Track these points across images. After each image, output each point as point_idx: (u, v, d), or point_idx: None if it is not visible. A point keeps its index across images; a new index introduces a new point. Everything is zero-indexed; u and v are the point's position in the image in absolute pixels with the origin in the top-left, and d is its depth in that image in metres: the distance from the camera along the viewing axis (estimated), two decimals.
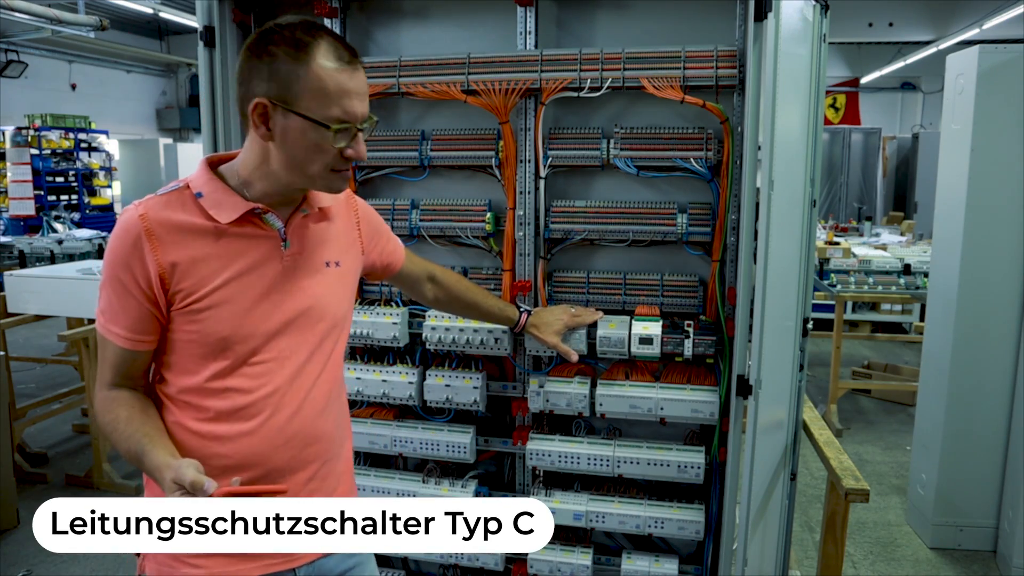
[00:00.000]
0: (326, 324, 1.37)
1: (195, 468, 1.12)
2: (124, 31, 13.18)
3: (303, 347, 1.34)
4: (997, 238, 3.13)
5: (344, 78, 1.21)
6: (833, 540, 2.10)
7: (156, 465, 1.18)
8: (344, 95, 1.21)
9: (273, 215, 1.29)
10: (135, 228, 1.22)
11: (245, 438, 1.28)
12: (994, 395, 3.21)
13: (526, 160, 1.94)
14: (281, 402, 1.31)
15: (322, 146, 1.22)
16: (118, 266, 1.22)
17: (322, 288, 1.37)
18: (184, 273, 1.23)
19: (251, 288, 1.28)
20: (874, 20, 10.26)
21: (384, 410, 2.12)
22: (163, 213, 1.24)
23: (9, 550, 3.26)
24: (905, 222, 9.23)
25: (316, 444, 1.37)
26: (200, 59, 1.99)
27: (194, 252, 1.24)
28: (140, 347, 1.26)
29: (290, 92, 1.19)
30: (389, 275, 1.67)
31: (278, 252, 1.31)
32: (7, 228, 9.38)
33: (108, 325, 1.25)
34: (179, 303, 1.24)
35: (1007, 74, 3.05)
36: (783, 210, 1.80)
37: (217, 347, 1.26)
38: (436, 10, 2.06)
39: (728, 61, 1.77)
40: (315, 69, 1.18)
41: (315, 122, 1.20)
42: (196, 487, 1.10)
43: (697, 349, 1.83)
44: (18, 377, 5.04)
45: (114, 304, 1.24)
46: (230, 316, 1.26)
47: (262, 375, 1.29)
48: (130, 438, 1.22)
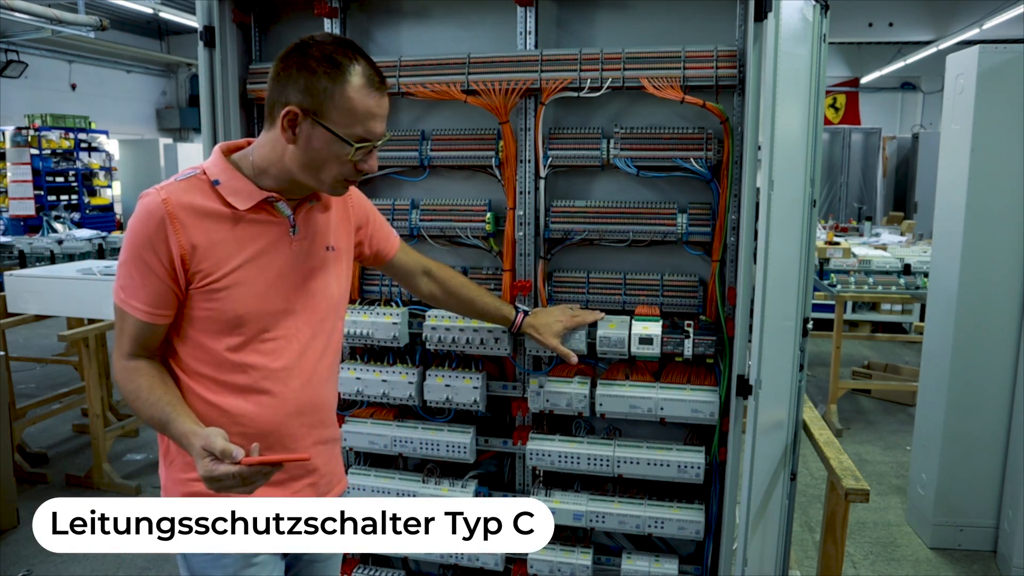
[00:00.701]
0: (328, 304, 1.48)
1: (223, 437, 1.21)
2: (124, 31, 13.17)
3: (309, 325, 1.44)
4: (997, 238, 3.13)
5: (372, 102, 1.31)
6: (833, 540, 2.10)
7: (183, 432, 1.25)
8: (370, 117, 1.32)
9: (284, 203, 1.39)
10: (159, 211, 1.29)
11: (260, 408, 1.38)
12: (994, 395, 3.21)
13: (526, 160, 1.94)
14: (291, 375, 1.41)
15: (341, 158, 1.32)
16: (141, 246, 1.29)
17: (324, 271, 1.47)
18: (204, 254, 1.31)
19: (264, 270, 1.37)
20: (874, 20, 10.26)
21: (384, 410, 2.12)
22: (184, 198, 1.32)
23: (9, 550, 3.26)
24: (905, 222, 9.23)
25: (321, 411, 1.50)
26: (200, 59, 1.99)
27: (213, 235, 1.32)
28: (159, 320, 1.33)
29: (322, 106, 1.29)
30: (381, 263, 1.74)
31: (287, 237, 1.41)
32: (7, 228, 9.39)
33: (129, 300, 1.32)
34: (198, 282, 1.32)
35: (1007, 74, 3.05)
36: (783, 210, 1.80)
37: (232, 323, 1.35)
38: (436, 10, 2.06)
39: (728, 61, 1.77)
40: (348, 91, 1.29)
41: (339, 137, 1.30)
42: (226, 454, 1.18)
43: (697, 349, 1.83)
44: (18, 377, 5.05)
45: (136, 280, 1.31)
46: (245, 296, 1.35)
47: (273, 351, 1.39)
48: (153, 405, 1.30)
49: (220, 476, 1.18)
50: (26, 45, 11.43)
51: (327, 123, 1.30)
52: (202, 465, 1.20)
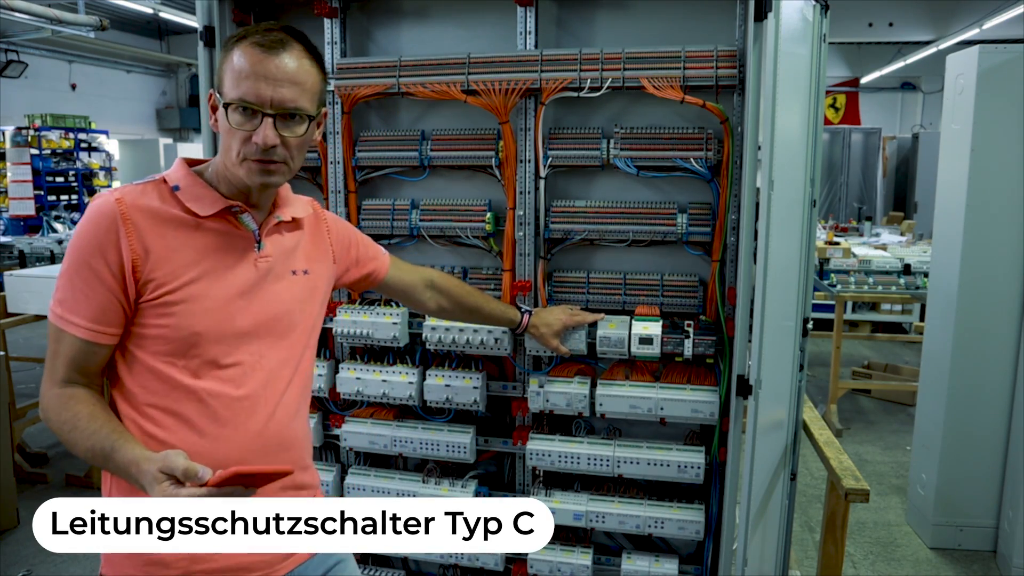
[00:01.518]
0: (296, 332, 1.36)
1: (184, 456, 1.06)
2: (124, 31, 13.18)
3: (274, 352, 1.31)
4: (997, 238, 3.13)
5: (255, 59, 1.18)
6: (833, 540, 2.10)
7: (132, 459, 1.10)
8: (251, 76, 1.18)
9: (249, 216, 1.28)
10: (111, 211, 1.18)
11: (219, 444, 1.24)
12: (994, 395, 3.21)
13: (526, 160, 1.94)
14: (255, 405, 1.28)
15: (229, 129, 1.20)
16: (88, 250, 1.17)
17: (292, 295, 1.35)
18: (157, 262, 1.19)
19: (225, 286, 1.25)
20: (874, 20, 10.26)
21: (384, 410, 2.12)
22: (140, 200, 1.21)
23: (9, 550, 3.26)
24: (905, 222, 9.23)
25: (290, 450, 1.35)
26: (200, 59, 1.99)
27: (169, 241, 1.21)
28: (101, 339, 1.19)
29: (219, 77, 1.22)
30: (374, 284, 1.65)
31: (252, 253, 1.29)
32: (7, 228, 9.39)
33: (67, 315, 1.18)
34: (150, 293, 1.19)
35: (1007, 74, 3.05)
36: (783, 210, 1.80)
37: (187, 343, 1.22)
38: (436, 10, 2.06)
39: (728, 61, 1.77)
40: (234, 52, 1.20)
41: (225, 104, 1.20)
42: (190, 475, 1.03)
43: (697, 349, 1.83)
44: (18, 377, 5.04)
45: (78, 292, 1.18)
46: (202, 311, 1.22)
47: (233, 378, 1.26)
48: (94, 435, 1.14)
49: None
50: (26, 45, 11.43)
51: (220, 91, 1.21)
52: (159, 490, 1.03)
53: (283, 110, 1.20)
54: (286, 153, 1.24)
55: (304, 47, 1.24)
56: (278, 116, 1.20)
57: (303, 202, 1.45)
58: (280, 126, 1.21)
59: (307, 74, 1.23)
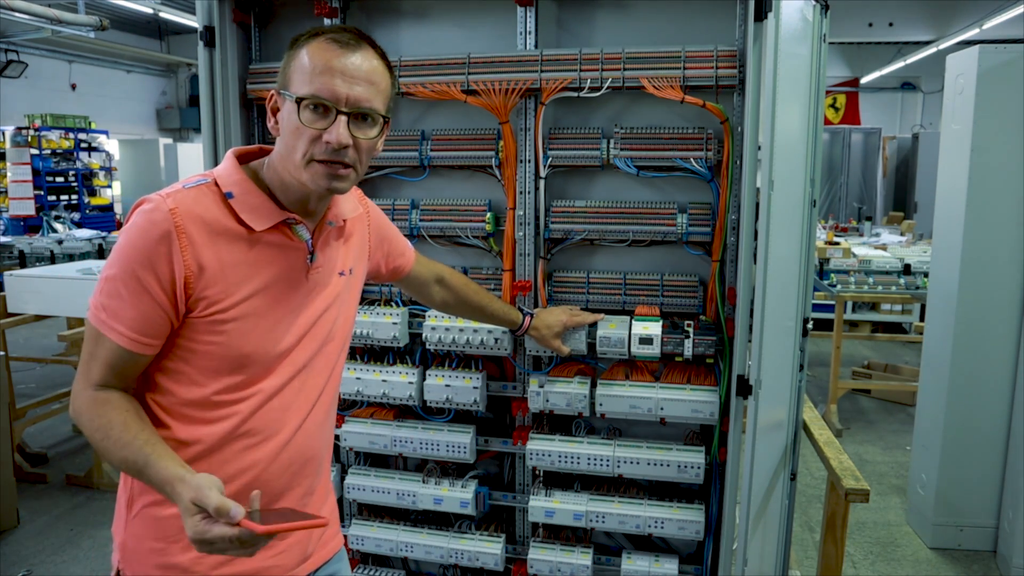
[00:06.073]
0: (335, 340, 1.34)
1: (218, 488, 1.00)
2: (124, 31, 13.18)
3: (313, 362, 1.29)
4: (997, 238, 3.13)
5: (330, 56, 1.13)
6: (833, 540, 2.10)
7: (166, 478, 1.04)
8: (326, 72, 1.12)
9: (303, 226, 1.23)
10: (165, 223, 1.10)
11: (248, 452, 1.22)
12: (994, 395, 3.21)
13: (526, 160, 1.94)
14: (284, 420, 1.25)
15: (298, 127, 1.13)
16: (138, 260, 1.10)
17: (337, 304, 1.32)
18: (211, 279, 1.13)
19: (277, 302, 1.21)
20: (874, 20, 10.27)
21: (384, 410, 2.12)
22: (195, 209, 1.13)
23: (9, 550, 3.26)
24: (905, 222, 9.23)
25: (312, 462, 1.33)
26: (200, 59, 1.99)
27: (223, 256, 1.14)
28: (142, 350, 1.14)
29: (285, 75, 1.16)
30: (397, 278, 1.64)
31: (304, 265, 1.24)
32: (7, 228, 9.38)
33: (109, 321, 1.12)
34: (201, 310, 1.14)
35: (1007, 74, 3.05)
36: (783, 210, 1.80)
37: (236, 363, 1.18)
38: (436, 10, 2.06)
39: (728, 61, 1.77)
40: (305, 48, 1.14)
41: (297, 100, 1.13)
42: (221, 512, 0.97)
43: (697, 349, 1.83)
44: (18, 377, 5.04)
45: (124, 300, 1.11)
46: (255, 330, 1.18)
47: (273, 392, 1.23)
48: (127, 445, 1.09)
49: (214, 539, 0.97)
50: (26, 45, 11.43)
51: (288, 90, 1.15)
52: (191, 524, 0.98)
53: (357, 109, 1.15)
54: (356, 156, 1.17)
55: (376, 49, 1.20)
56: (351, 116, 1.15)
57: (353, 199, 1.40)
58: (352, 127, 1.15)
59: (381, 75, 1.19)
